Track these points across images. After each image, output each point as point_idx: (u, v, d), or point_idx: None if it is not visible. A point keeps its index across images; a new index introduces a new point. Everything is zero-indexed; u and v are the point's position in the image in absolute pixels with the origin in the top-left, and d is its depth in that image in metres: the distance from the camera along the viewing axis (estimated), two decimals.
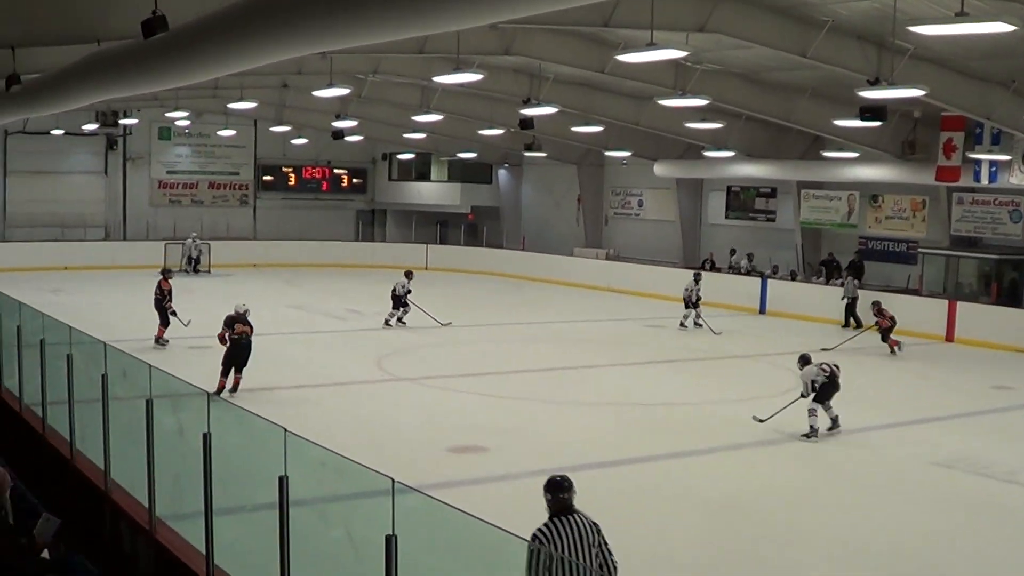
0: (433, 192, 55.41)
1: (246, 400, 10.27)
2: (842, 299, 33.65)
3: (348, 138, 42.96)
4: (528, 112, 30.38)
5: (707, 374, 25.36)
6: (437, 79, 26.80)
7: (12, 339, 15.80)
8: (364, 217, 56.87)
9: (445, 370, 24.75)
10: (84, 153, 51.28)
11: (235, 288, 38.18)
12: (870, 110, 23.96)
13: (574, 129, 38.26)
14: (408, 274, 31.60)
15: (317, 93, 30.28)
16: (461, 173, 54.49)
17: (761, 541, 13.38)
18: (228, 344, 21.02)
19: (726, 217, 44.42)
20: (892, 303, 30.08)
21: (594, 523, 8.64)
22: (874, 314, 28.63)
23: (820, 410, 18.88)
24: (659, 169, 43.40)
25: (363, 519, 8.05)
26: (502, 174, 55.23)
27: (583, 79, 32.50)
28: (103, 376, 11.42)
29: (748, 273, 39.85)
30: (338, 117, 38.62)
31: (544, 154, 44.54)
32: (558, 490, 8.66)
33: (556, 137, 41.66)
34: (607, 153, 45.07)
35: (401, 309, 30.96)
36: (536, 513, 13.26)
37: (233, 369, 20.94)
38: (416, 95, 37.43)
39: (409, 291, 31.02)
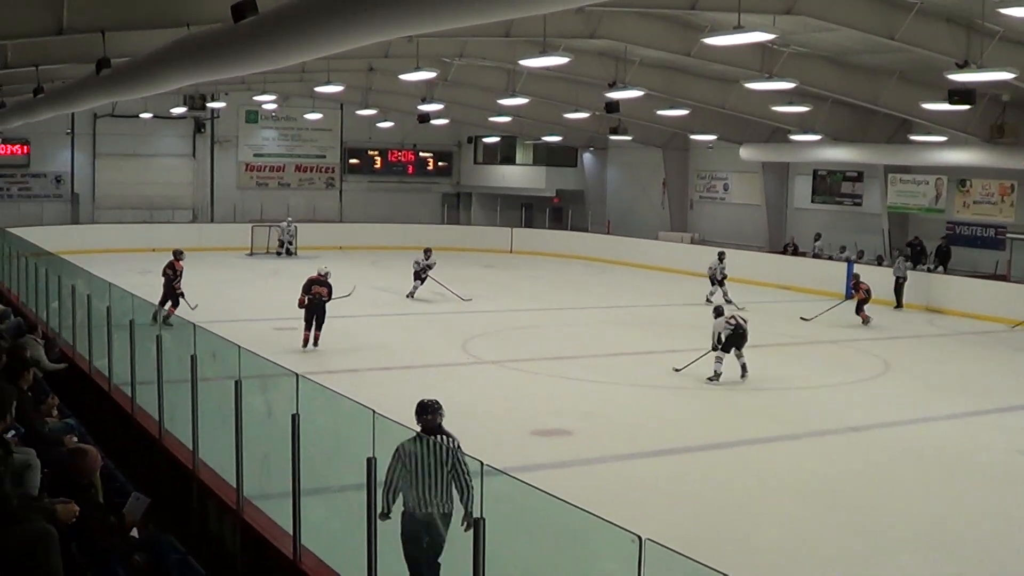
0: (518, 175, 55.40)
1: (333, 381, 10.30)
2: (894, 276, 34.04)
3: (434, 121, 43.03)
4: (614, 95, 30.28)
5: (792, 358, 25.16)
6: (523, 62, 26.79)
7: (102, 320, 15.97)
8: (449, 200, 57.03)
9: (529, 353, 24.77)
10: (172, 136, 51.84)
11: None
12: (958, 93, 23.67)
13: (660, 112, 38.03)
14: (427, 251, 33.64)
15: (403, 76, 30.38)
16: (546, 156, 54.44)
17: (847, 527, 13.27)
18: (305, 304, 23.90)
19: (812, 201, 43.97)
20: (980, 290, 29.69)
21: (454, 446, 9.65)
22: (852, 287, 28.25)
23: (727, 358, 21.51)
24: (745, 153, 43.06)
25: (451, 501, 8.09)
26: (587, 157, 55.09)
27: (669, 62, 32.35)
28: (192, 357, 11.52)
29: (816, 255, 39.73)
30: (424, 100, 38.66)
31: (629, 137, 44.34)
32: (424, 412, 9.93)
33: (642, 120, 41.45)
34: (692, 137, 44.81)
35: (417, 283, 32.78)
36: (622, 496, 13.24)
37: (314, 325, 23.77)
38: (502, 78, 37.40)
39: (428, 267, 32.83)
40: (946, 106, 24.73)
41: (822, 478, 15.31)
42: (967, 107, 25.27)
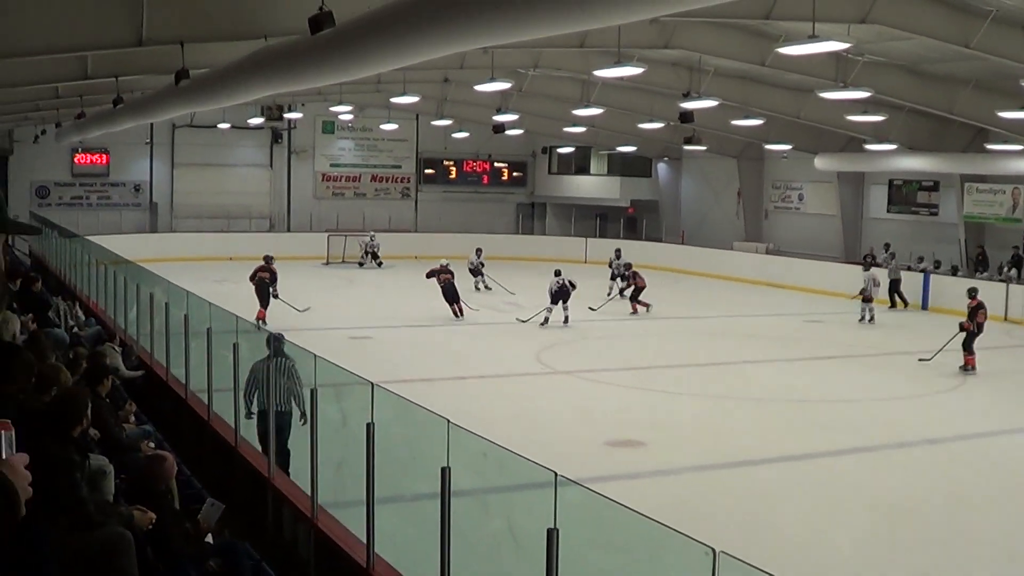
0: (593, 185, 55.39)
1: (408, 390, 10.35)
2: (889, 279, 35.23)
3: (508, 132, 43.01)
4: (688, 105, 30.17)
5: (869, 371, 24.93)
6: (597, 73, 26.76)
7: (179, 327, 16.14)
8: (524, 210, 57.08)
9: (603, 364, 24.74)
10: (250, 146, 52.35)
11: (396, 279, 38.67)
12: None
13: (734, 122, 37.86)
14: (478, 251, 39.08)
15: (478, 87, 30.45)
16: (621, 167, 54.38)
17: (926, 543, 13.13)
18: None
19: (887, 211, 43.61)
20: None
21: (290, 365, 13.08)
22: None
23: (556, 309, 28.86)
24: (820, 162, 42.78)
25: (524, 511, 8.09)
26: (661, 168, 54.98)
27: (743, 72, 32.23)
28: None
29: (872, 264, 39.55)
30: (499, 111, 38.68)
31: (704, 147, 44.14)
32: (275, 342, 13.42)
33: (716, 130, 41.31)
34: (767, 146, 44.56)
35: (478, 278, 37.51)
36: (695, 508, 13.20)
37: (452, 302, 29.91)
38: (576, 89, 37.40)
39: (482, 263, 38.16)
40: (1022, 114, 24.44)
41: (898, 492, 15.15)
42: None
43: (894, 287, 35.63)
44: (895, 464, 16.80)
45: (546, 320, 29.50)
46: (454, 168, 56.02)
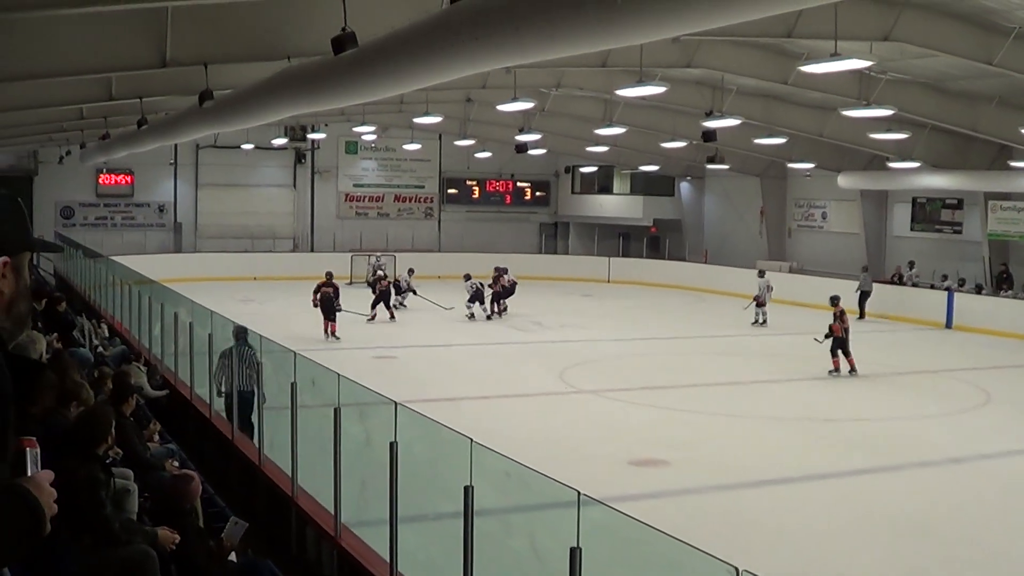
0: (615, 205, 55.37)
1: (431, 410, 10.36)
2: (855, 291, 37.07)
3: (531, 151, 43.05)
4: (711, 124, 30.18)
5: (891, 389, 24.83)
6: (620, 92, 26.77)
7: (204, 347, 16.22)
8: (547, 230, 57.12)
9: (626, 383, 24.71)
10: (273, 167, 52.56)
11: (420, 300, 38.64)
12: None
13: (757, 141, 37.83)
14: (411, 271, 39.96)
15: (501, 107, 30.47)
16: (643, 186, 54.34)
17: (947, 562, 13.07)
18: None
19: (911, 229, 43.46)
20: None
21: (251, 352, 15.04)
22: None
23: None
24: (843, 181, 42.67)
25: (547, 530, 8.09)
26: (684, 187, 54.96)
27: (766, 90, 32.22)
28: (292, 384, 11.66)
29: (900, 282, 39.59)
30: (521, 131, 38.76)
31: (727, 166, 44.16)
32: (241, 333, 15.58)
33: (739, 149, 41.28)
34: (790, 165, 44.53)
35: (402, 296, 37.47)
36: (718, 527, 13.18)
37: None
38: (599, 108, 37.45)
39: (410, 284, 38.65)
40: None
41: (922, 511, 15.09)
42: None
43: (863, 299, 37.51)
44: (918, 483, 16.74)
45: (472, 315, 35.01)
46: (477, 188, 56.14)
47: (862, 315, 36.74)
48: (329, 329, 30.25)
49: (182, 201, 51.03)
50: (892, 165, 37.55)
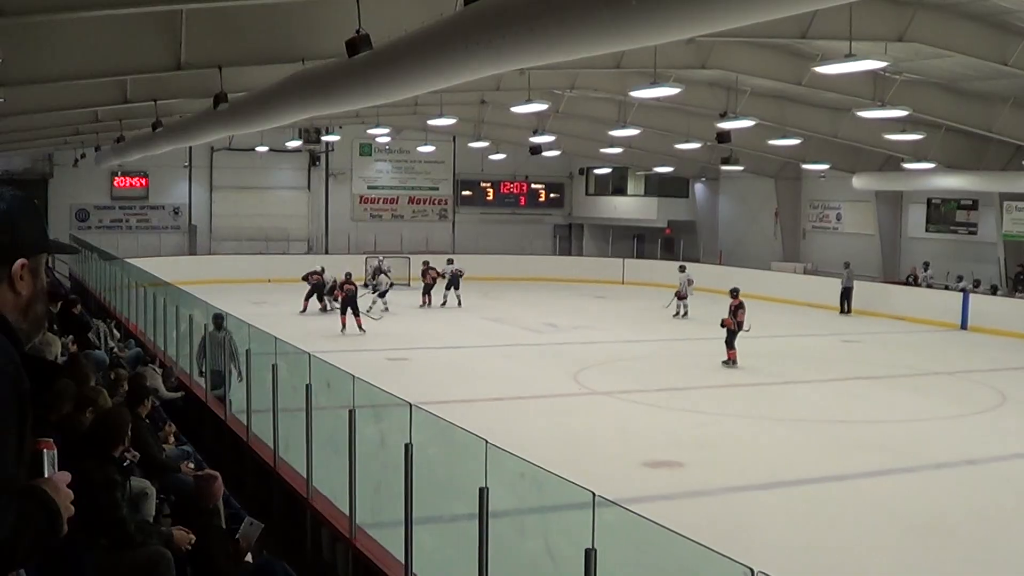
0: (630, 206, 55.35)
1: (446, 411, 10.37)
2: (841, 286, 39.31)
3: (545, 153, 42.99)
4: (725, 125, 30.16)
5: (907, 391, 24.74)
6: (634, 93, 26.73)
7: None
8: (561, 231, 57.13)
9: (641, 384, 24.69)
10: (288, 169, 52.68)
11: (435, 301, 38.71)
12: None
13: (771, 142, 37.80)
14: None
15: (515, 109, 30.47)
16: (658, 187, 54.32)
17: (964, 565, 13.03)
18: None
19: (926, 230, 43.36)
20: None
21: (230, 336, 17.06)
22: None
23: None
24: (858, 182, 42.60)
25: (561, 532, 8.08)
26: (699, 188, 54.91)
27: (780, 91, 32.17)
28: (307, 386, 11.67)
29: (914, 283, 39.57)
30: (535, 132, 38.76)
31: (741, 167, 44.07)
32: (218, 319, 17.71)
33: (753, 150, 41.23)
34: (804, 166, 44.46)
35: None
36: (734, 528, 13.17)
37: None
38: (613, 110, 37.43)
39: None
40: None
41: (937, 513, 15.06)
42: None
43: (845, 295, 39.27)
44: (935, 485, 16.70)
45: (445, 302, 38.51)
46: (491, 190, 56.21)
47: (846, 311, 38.58)
48: (354, 324, 32.05)
49: (196, 203, 51.19)
50: (907, 166, 37.50)
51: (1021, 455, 18.47)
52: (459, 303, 38.93)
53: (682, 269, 39.44)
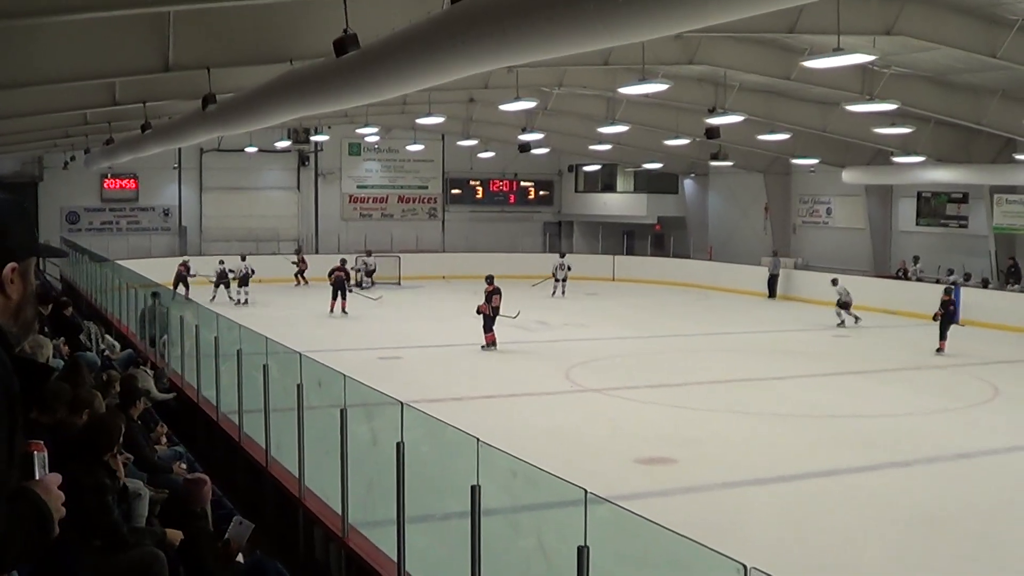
0: (619, 203, 55.40)
1: (438, 409, 10.37)
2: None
3: (534, 151, 43.00)
4: (714, 121, 30.19)
5: (899, 385, 24.77)
6: (622, 90, 26.77)
7: (210, 349, 16.23)
8: (551, 229, 57.15)
9: (633, 381, 24.70)
10: (277, 169, 52.68)
11: (427, 300, 38.74)
12: None
13: (760, 137, 37.79)
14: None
15: (503, 107, 30.45)
16: (647, 183, 54.39)
17: (959, 559, 13.03)
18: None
19: (917, 224, 43.41)
20: None
21: (166, 311, 19.79)
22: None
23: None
24: (847, 176, 42.67)
25: (554, 529, 8.09)
26: (688, 184, 54.92)
27: (768, 86, 32.20)
28: (298, 386, 11.67)
29: (904, 276, 39.70)
30: (524, 130, 38.76)
31: (730, 163, 44.09)
32: (155, 295, 20.70)
33: (742, 146, 41.22)
34: (794, 161, 44.43)
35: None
36: (726, 525, 13.18)
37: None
38: (601, 106, 37.42)
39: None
40: None
41: (930, 507, 15.06)
42: None
43: (772, 281, 42.43)
44: (927, 479, 16.70)
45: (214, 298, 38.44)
46: (480, 188, 56.24)
47: (772, 295, 42.53)
48: (340, 307, 35.30)
49: (187, 205, 51.19)
50: (896, 160, 37.56)
51: (1013, 448, 18.49)
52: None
53: (562, 255, 45.58)
